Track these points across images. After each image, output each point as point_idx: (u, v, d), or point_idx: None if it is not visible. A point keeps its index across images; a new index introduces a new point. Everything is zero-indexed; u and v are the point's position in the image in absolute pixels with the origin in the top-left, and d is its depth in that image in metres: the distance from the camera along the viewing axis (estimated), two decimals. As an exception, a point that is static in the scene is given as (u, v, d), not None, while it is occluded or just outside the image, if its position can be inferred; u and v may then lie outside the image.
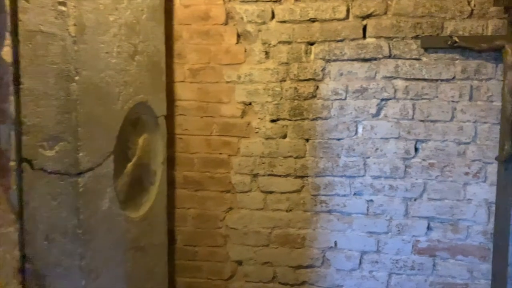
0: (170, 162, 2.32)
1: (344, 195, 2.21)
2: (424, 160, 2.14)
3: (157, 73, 2.11)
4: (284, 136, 2.23)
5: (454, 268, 2.15)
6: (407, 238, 2.18)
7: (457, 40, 1.97)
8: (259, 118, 2.24)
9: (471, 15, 2.02)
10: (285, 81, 2.20)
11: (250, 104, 2.24)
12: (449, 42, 1.99)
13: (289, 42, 2.18)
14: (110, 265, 1.75)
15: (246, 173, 2.28)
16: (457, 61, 2.06)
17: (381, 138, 2.15)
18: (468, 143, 2.09)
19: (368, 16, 2.10)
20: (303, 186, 2.24)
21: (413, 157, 2.15)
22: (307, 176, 2.23)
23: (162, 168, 2.19)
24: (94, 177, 1.62)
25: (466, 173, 2.11)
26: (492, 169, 2.08)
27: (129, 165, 1.91)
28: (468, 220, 2.12)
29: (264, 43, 2.20)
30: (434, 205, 2.14)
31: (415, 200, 2.16)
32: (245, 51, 2.22)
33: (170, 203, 2.33)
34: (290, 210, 2.27)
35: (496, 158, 2.02)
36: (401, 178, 2.16)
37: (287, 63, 2.19)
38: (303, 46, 2.17)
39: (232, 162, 2.29)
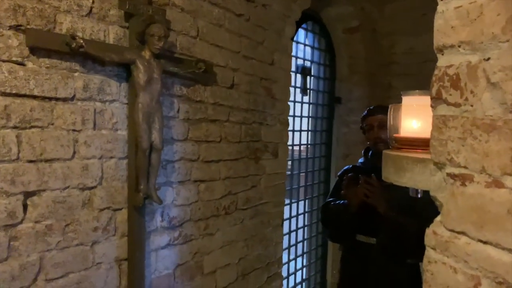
0: None
1: None
2: (38, 222, 1.36)
3: None
4: None
5: None
6: None
7: (83, 44, 1.36)
8: None
9: (90, 13, 1.47)
10: None
11: None
12: (73, 45, 1.34)
13: None
14: None
15: None
16: (77, 74, 1.44)
17: (-34, 200, 1.17)
18: (95, 187, 1.53)
19: None
20: None
21: (22, 221, 1.32)
22: None
23: None
24: None
25: (95, 229, 1.54)
26: (122, 217, 1.63)
27: None
28: (100, 292, 1.56)
29: None
30: None
31: (27, 290, 1.34)
32: None
33: None
34: None
35: (131, 202, 1.59)
36: (3, 262, 1.27)
37: None
38: None
39: None
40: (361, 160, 2.35)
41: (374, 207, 2.10)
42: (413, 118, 1.04)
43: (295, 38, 2.90)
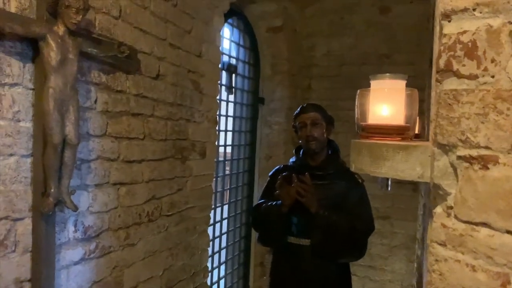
0: None
1: None
2: None
3: None
4: None
5: None
6: None
7: (-25, 6, 1.06)
8: None
9: (-16, -29, 1.16)
10: None
11: None
12: (-41, 6, 1.04)
13: None
14: None
15: None
16: (-36, 46, 1.13)
17: None
18: (-12, 191, 1.21)
19: None
20: None
21: None
22: None
23: None
24: None
25: (-12, 245, 1.22)
26: (25, 228, 1.32)
27: None
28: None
29: None
30: None
31: None
32: None
33: None
34: None
35: (38, 210, 1.29)
36: None
37: None
38: None
39: None
40: (292, 159, 2.28)
41: (307, 207, 2.03)
42: (383, 103, 0.95)
43: (221, 33, 2.75)
